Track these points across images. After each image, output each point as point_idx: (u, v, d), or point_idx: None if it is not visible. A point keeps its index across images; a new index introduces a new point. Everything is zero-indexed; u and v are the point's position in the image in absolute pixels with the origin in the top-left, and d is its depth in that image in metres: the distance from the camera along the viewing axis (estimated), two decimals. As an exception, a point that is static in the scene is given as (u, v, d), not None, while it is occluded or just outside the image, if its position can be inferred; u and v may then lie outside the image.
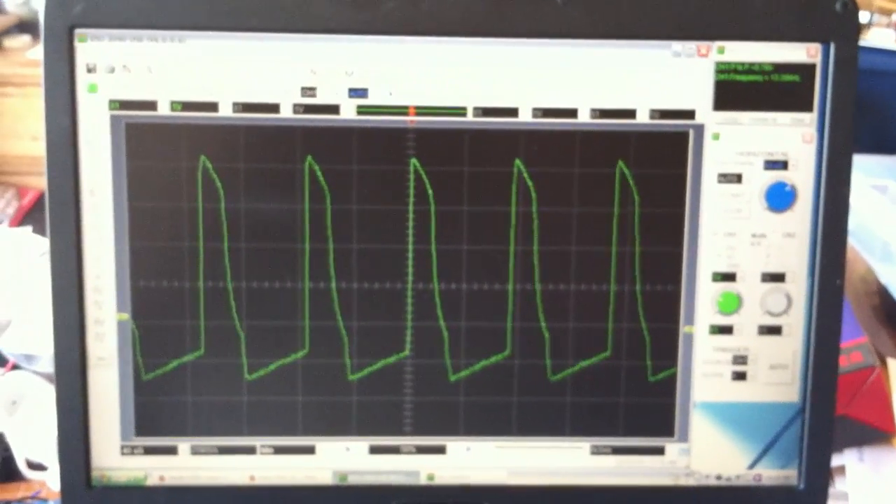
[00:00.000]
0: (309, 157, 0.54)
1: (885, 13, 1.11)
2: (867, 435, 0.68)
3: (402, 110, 0.54)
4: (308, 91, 0.54)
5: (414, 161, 0.54)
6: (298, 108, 0.54)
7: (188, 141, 0.55)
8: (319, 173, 0.55)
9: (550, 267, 0.55)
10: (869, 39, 1.11)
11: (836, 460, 0.66)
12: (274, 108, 0.54)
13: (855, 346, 0.66)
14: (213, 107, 0.55)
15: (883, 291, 0.81)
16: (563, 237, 0.55)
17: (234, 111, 0.53)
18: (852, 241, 0.82)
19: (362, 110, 0.54)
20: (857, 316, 0.74)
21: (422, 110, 0.54)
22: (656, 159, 0.54)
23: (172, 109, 0.54)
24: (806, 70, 0.53)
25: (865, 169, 0.87)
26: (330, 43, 0.54)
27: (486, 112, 0.54)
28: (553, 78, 0.54)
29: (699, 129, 0.54)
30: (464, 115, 0.54)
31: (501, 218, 0.55)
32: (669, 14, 0.53)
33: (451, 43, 0.53)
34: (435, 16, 0.53)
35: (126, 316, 0.55)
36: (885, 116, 1.10)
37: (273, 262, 0.55)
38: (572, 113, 0.54)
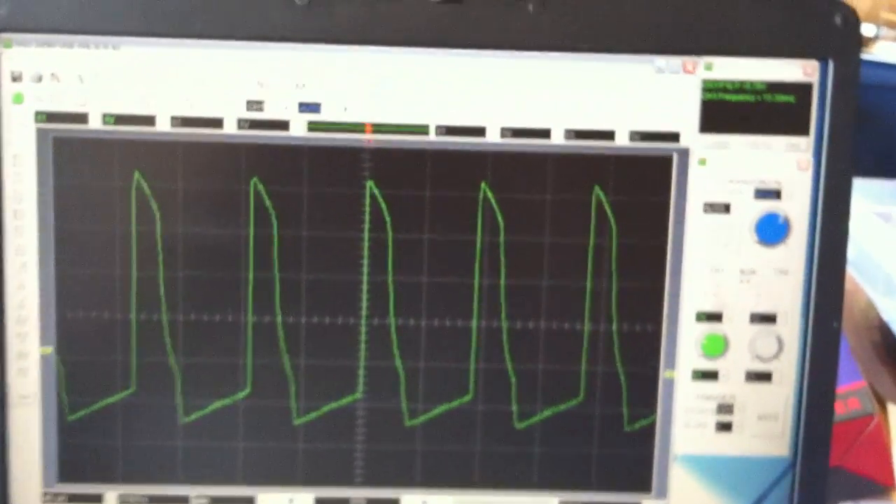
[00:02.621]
0: (254, 178, 0.52)
1: (892, 26, 1.08)
2: (864, 488, 0.65)
3: (357, 127, 0.52)
4: (254, 105, 0.51)
5: (370, 184, 0.52)
6: (243, 123, 0.51)
7: (121, 158, 0.53)
8: (266, 196, 0.52)
9: (519, 302, 0.53)
10: (875, 53, 1.07)
11: (830, 516, 0.63)
12: (216, 122, 0.51)
13: (853, 391, 0.63)
14: (149, 120, 0.52)
15: (884, 327, 0.80)
16: (534, 270, 0.53)
17: (173, 126, 0.51)
18: (852, 272, 0.79)
19: (314, 127, 0.51)
20: (856, 353, 0.71)
21: (379, 128, 0.51)
22: (636, 186, 0.52)
23: (105, 123, 0.51)
24: (802, 90, 0.51)
25: (868, 194, 0.84)
26: (279, 52, 0.51)
27: (451, 131, 0.51)
28: (524, 95, 0.51)
29: (684, 154, 0.51)
30: (426, 133, 0.51)
31: (466, 248, 0.52)
32: (652, 26, 0.50)
33: (412, 54, 0.51)
34: (395, 24, 0.50)
35: (50, 349, 0.52)
36: (891, 134, 1.06)
37: (213, 293, 0.52)
38: (545, 133, 0.52)
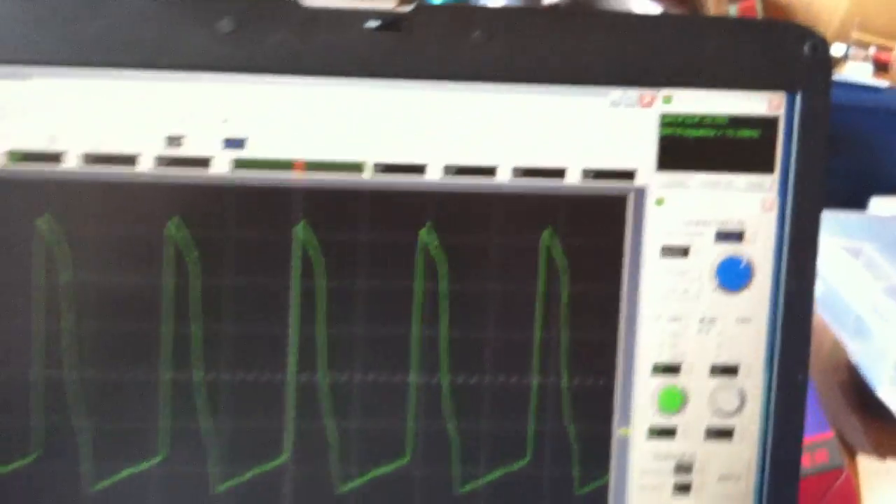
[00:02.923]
0: (173, 220, 0.47)
1: (861, 46, 1.06)
2: (834, 547, 0.60)
3: (286, 165, 0.48)
4: (174, 141, 0.47)
5: (300, 227, 0.48)
6: (162, 160, 0.47)
7: (26, 199, 0.48)
8: (186, 240, 0.47)
9: (461, 355, 0.49)
10: (844, 74, 1.05)
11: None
12: (131, 160, 0.47)
13: (820, 442, 0.60)
14: (57, 158, 0.47)
15: (852, 369, 0.76)
16: (478, 320, 0.49)
17: (84, 163, 0.46)
18: (819, 310, 0.75)
19: (239, 164, 0.47)
20: (822, 397, 0.68)
21: (311, 165, 0.47)
22: (589, 228, 0.48)
23: (11, 160, 0.46)
24: (767, 124, 0.48)
25: (835, 228, 0.80)
26: (201, 83, 0.47)
27: (388, 169, 0.48)
28: (468, 129, 0.47)
29: (640, 193, 0.48)
30: (361, 171, 0.48)
31: (404, 296, 0.48)
32: (607, 56, 0.47)
33: (347, 85, 0.47)
34: (328, 53, 0.46)
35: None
36: (860, 157, 1.04)
37: (125, 348, 0.48)
38: (490, 171, 0.48)
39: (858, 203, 0.96)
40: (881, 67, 1.15)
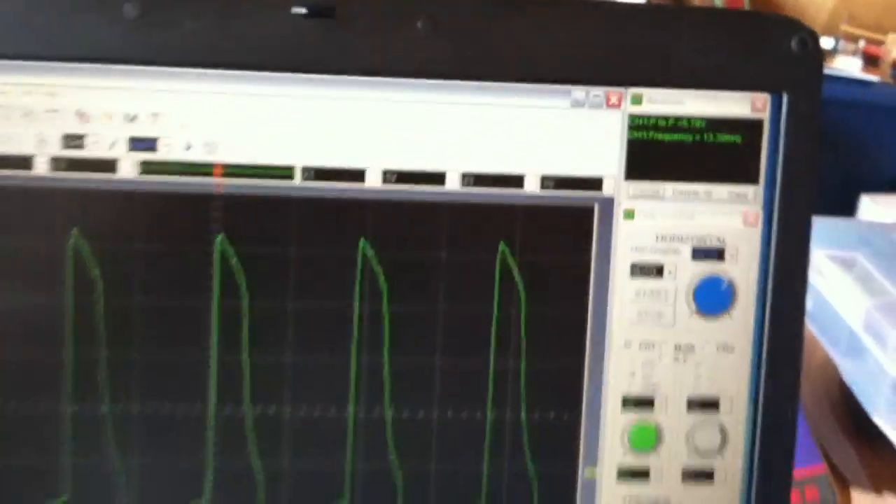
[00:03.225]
0: (74, 232, 0.43)
1: (851, 39, 1.01)
2: None
3: (204, 169, 0.43)
4: (73, 140, 0.42)
5: (220, 239, 0.43)
6: (59, 163, 0.43)
7: None
8: (89, 254, 0.43)
9: (406, 386, 0.45)
10: (833, 68, 1.00)
11: None
12: (24, 162, 0.42)
13: (811, 477, 0.57)
14: (-60, 161, 0.42)
15: (845, 389, 0.71)
16: (424, 346, 0.45)
17: (-29, 167, 0.41)
18: (808, 324, 0.70)
19: (149, 168, 0.43)
20: (812, 421, 0.63)
21: (232, 170, 0.43)
22: (550, 243, 0.45)
23: None
24: (750, 128, 0.44)
25: (825, 235, 0.74)
26: (104, 76, 0.42)
27: (321, 174, 0.44)
28: (412, 131, 0.44)
29: (607, 204, 0.45)
30: (290, 177, 0.43)
31: (340, 319, 0.44)
32: (568, 51, 0.43)
33: (273, 81, 0.43)
34: (251, 43, 0.42)
35: None
36: (849, 155, 0.99)
37: (23, 377, 0.43)
38: (438, 178, 0.44)
39: (847, 203, 0.92)
40: (871, 62, 1.13)
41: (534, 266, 0.44)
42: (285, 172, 0.43)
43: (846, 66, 1.15)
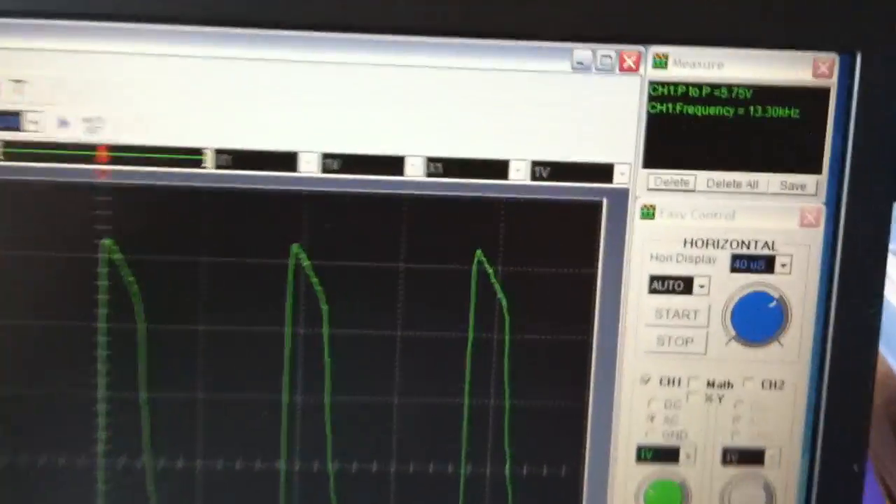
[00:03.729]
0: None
1: None
2: None
3: (85, 153, 0.40)
4: None
5: (107, 245, 0.41)
6: None
7: None
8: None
9: (355, 430, 0.42)
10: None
11: None
12: None
13: None
14: None
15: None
16: (378, 382, 0.42)
17: None
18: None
19: (13, 152, 0.40)
20: (877, 457, 0.61)
21: (122, 154, 0.40)
22: (542, 250, 0.42)
23: None
24: (812, 99, 0.41)
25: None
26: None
27: (240, 160, 0.40)
28: (361, 104, 0.40)
29: (619, 199, 0.42)
30: (199, 163, 0.40)
31: (268, 345, 0.42)
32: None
33: (175, 37, 0.40)
34: None
35: None
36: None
37: None
38: (395, 165, 0.41)
39: None
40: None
41: (521, 279, 0.42)
42: (193, 157, 0.41)
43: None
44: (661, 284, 0.42)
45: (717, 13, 0.40)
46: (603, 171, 0.41)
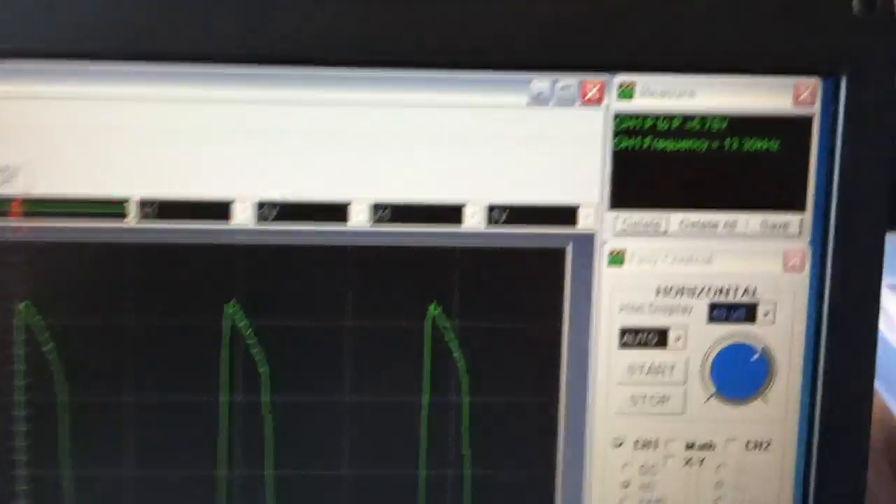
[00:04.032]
0: None
1: None
2: None
3: None
4: None
5: (24, 309, 0.38)
6: None
7: None
8: None
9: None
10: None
11: None
12: None
13: None
14: None
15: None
16: (323, 453, 0.40)
17: None
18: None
19: None
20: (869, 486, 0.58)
21: (38, 207, 0.38)
22: (502, 303, 0.40)
23: None
24: (794, 130, 0.39)
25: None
26: None
27: (167, 211, 0.38)
28: (300, 146, 0.38)
29: (584, 244, 0.40)
30: (122, 215, 0.38)
31: (203, 413, 0.39)
32: (525, 22, 0.38)
33: (90, 77, 0.38)
34: (65, 21, 0.37)
35: None
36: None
37: None
38: (338, 212, 0.39)
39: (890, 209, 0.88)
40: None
41: (479, 335, 0.40)
42: (115, 208, 0.38)
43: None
44: (633, 338, 0.41)
45: (687, 37, 0.38)
46: (566, 214, 0.40)
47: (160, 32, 0.37)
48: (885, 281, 0.63)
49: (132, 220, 0.38)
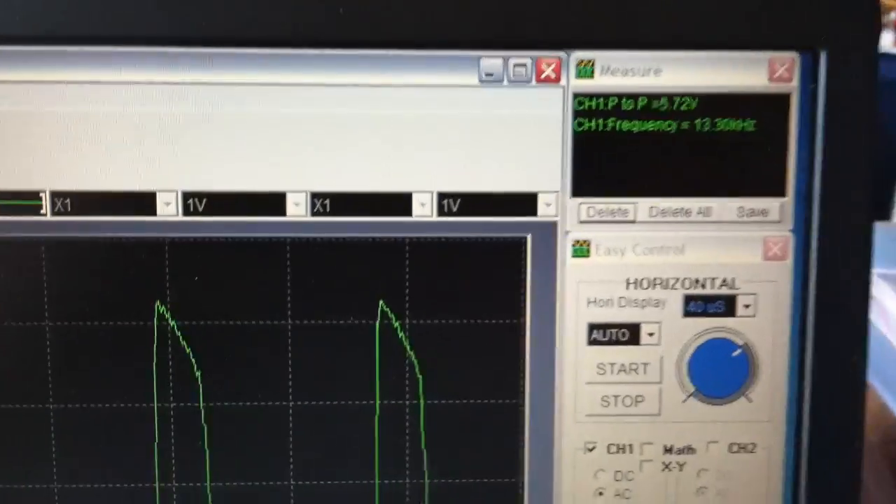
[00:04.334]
0: None
1: (883, 11, 1.03)
2: None
3: None
4: None
5: None
6: None
7: None
8: None
9: None
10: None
11: None
12: None
13: None
14: None
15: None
16: (270, 461, 0.39)
17: None
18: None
19: None
20: (866, 485, 0.56)
21: None
22: (457, 298, 0.38)
23: None
24: (770, 108, 0.38)
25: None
26: None
27: (84, 203, 0.36)
28: (228, 131, 0.36)
29: (545, 234, 0.38)
30: (37, 210, 0.37)
31: (134, 421, 0.38)
32: None
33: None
34: None
35: None
36: (881, 137, 1.02)
37: None
38: (275, 203, 0.37)
39: (878, 198, 0.90)
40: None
41: (434, 333, 0.38)
42: (28, 202, 0.37)
43: (886, 40, 1.23)
44: (603, 334, 0.39)
45: (650, 9, 0.37)
46: (525, 202, 0.38)
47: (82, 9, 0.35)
48: (877, 270, 0.62)
49: (47, 214, 0.37)
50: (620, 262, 0.38)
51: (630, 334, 0.39)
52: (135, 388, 0.38)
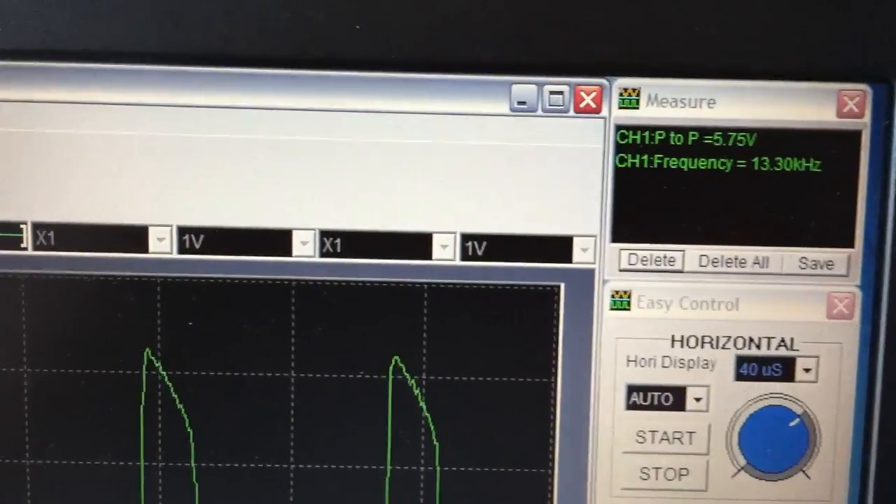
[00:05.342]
0: None
1: None
2: None
3: None
4: None
5: None
6: None
7: None
8: None
9: None
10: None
11: None
12: None
13: None
14: None
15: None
16: None
17: None
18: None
19: None
20: None
21: None
22: (482, 353, 0.37)
23: None
24: (837, 146, 0.37)
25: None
26: None
27: (65, 237, 0.36)
28: (229, 164, 0.36)
29: (582, 283, 0.37)
30: (18, 243, 0.36)
31: (120, 482, 0.37)
32: (507, 20, 0.35)
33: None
34: None
35: None
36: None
37: None
38: (279, 241, 0.36)
39: None
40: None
41: (452, 392, 0.38)
42: (7, 234, 0.36)
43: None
44: (643, 398, 0.38)
45: (704, 33, 0.35)
46: (558, 247, 0.37)
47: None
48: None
49: (28, 248, 0.37)
50: (665, 317, 0.37)
51: (674, 398, 0.38)
52: (119, 445, 0.37)
